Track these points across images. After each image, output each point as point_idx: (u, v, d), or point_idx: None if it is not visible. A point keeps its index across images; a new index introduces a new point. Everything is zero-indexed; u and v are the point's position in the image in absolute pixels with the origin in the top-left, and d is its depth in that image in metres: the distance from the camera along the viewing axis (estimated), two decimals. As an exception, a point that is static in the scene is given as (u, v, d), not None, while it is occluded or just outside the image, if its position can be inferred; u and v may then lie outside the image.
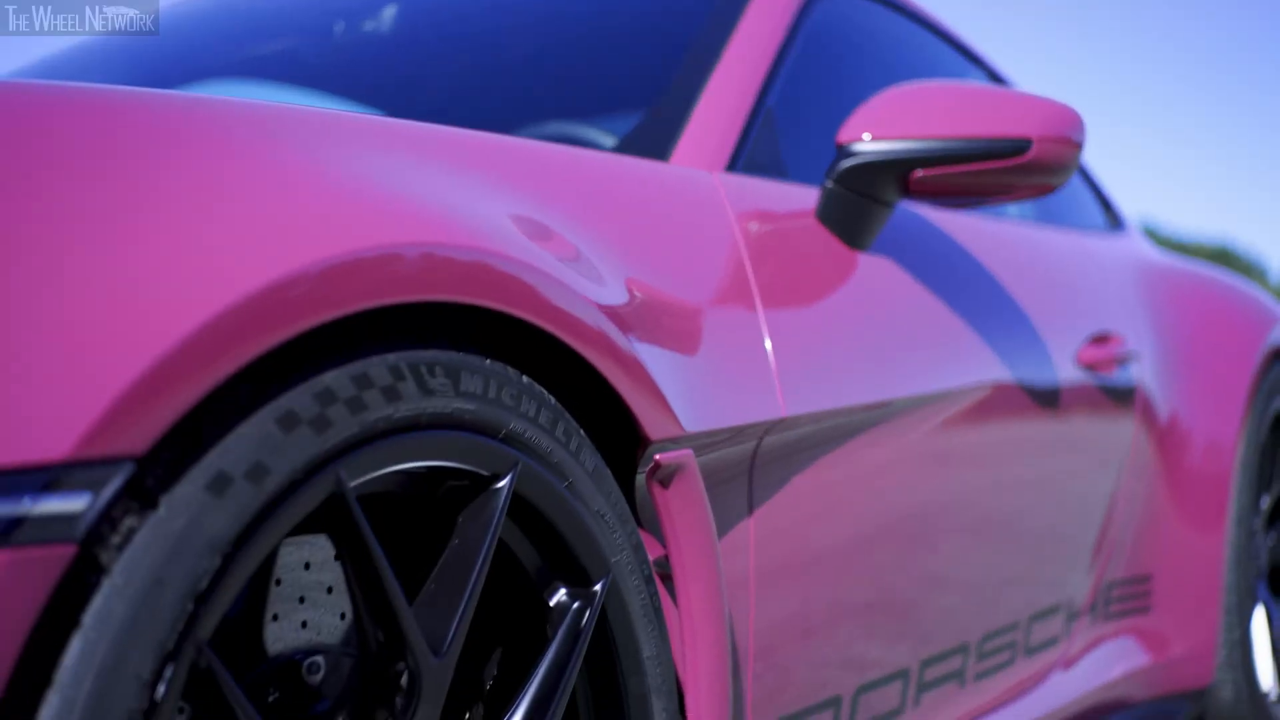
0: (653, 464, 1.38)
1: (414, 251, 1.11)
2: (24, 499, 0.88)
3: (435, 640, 1.15)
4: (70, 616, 0.92)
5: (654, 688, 1.36)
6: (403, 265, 1.09)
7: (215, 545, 0.97)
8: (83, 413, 0.90)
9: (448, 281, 1.14)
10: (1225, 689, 2.87)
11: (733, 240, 1.67)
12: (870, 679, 1.84)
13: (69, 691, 0.90)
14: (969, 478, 2.06)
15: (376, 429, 1.09)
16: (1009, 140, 1.81)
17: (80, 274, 0.94)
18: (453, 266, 1.14)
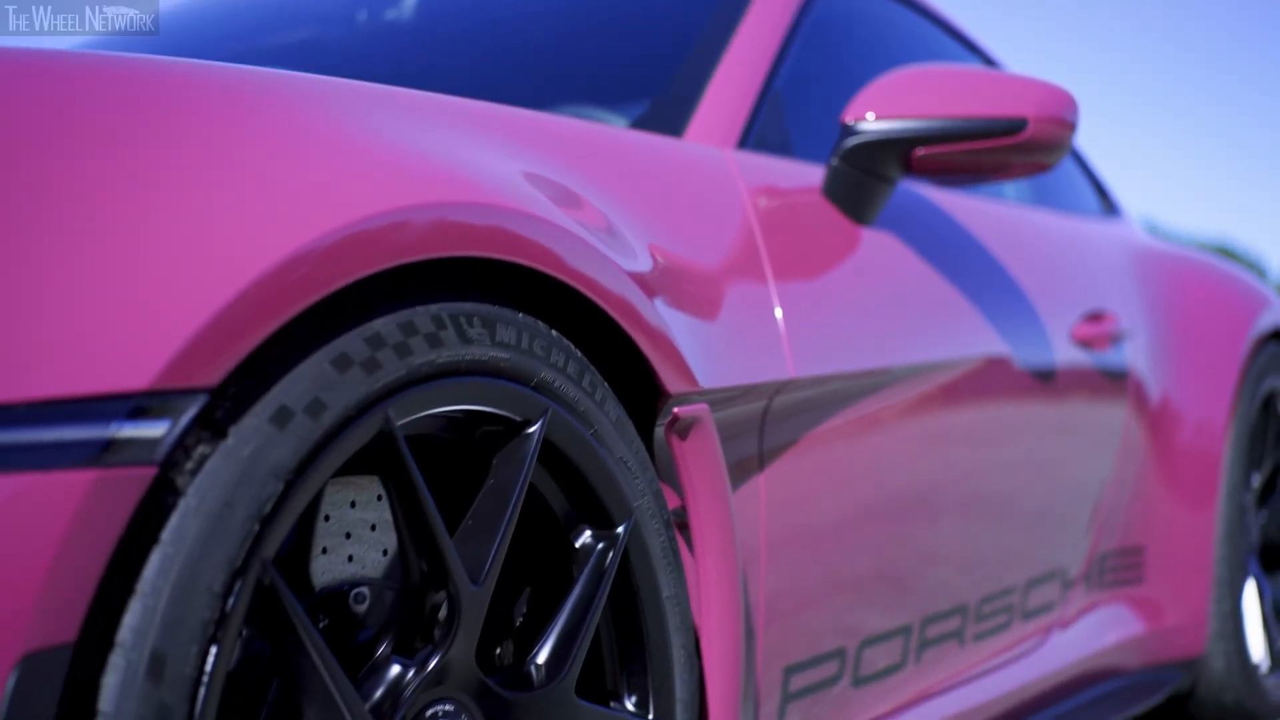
0: (671, 417, 1.47)
1: (459, 211, 1.20)
2: (112, 424, 0.97)
3: (473, 570, 1.24)
4: (150, 534, 1.01)
5: (673, 626, 1.45)
6: (448, 222, 1.19)
7: (278, 472, 1.06)
8: (163, 347, 0.99)
9: (488, 240, 1.24)
10: (1217, 660, 2.96)
11: (744, 213, 1.77)
12: (873, 633, 1.93)
13: (149, 600, 0.99)
14: (967, 448, 2.15)
15: (421, 372, 1.19)
16: (1006, 120, 1.90)
17: (161, 228, 1.04)
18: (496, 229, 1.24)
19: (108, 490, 0.96)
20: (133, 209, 1.04)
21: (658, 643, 1.44)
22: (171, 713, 0.99)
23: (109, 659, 0.98)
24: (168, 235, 1.03)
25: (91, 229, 1.01)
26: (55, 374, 0.95)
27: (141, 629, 0.98)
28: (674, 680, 1.45)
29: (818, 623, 1.81)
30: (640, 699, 1.44)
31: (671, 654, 1.45)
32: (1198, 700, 3.04)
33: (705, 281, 1.62)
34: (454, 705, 1.25)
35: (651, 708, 1.43)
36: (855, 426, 1.82)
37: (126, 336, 0.98)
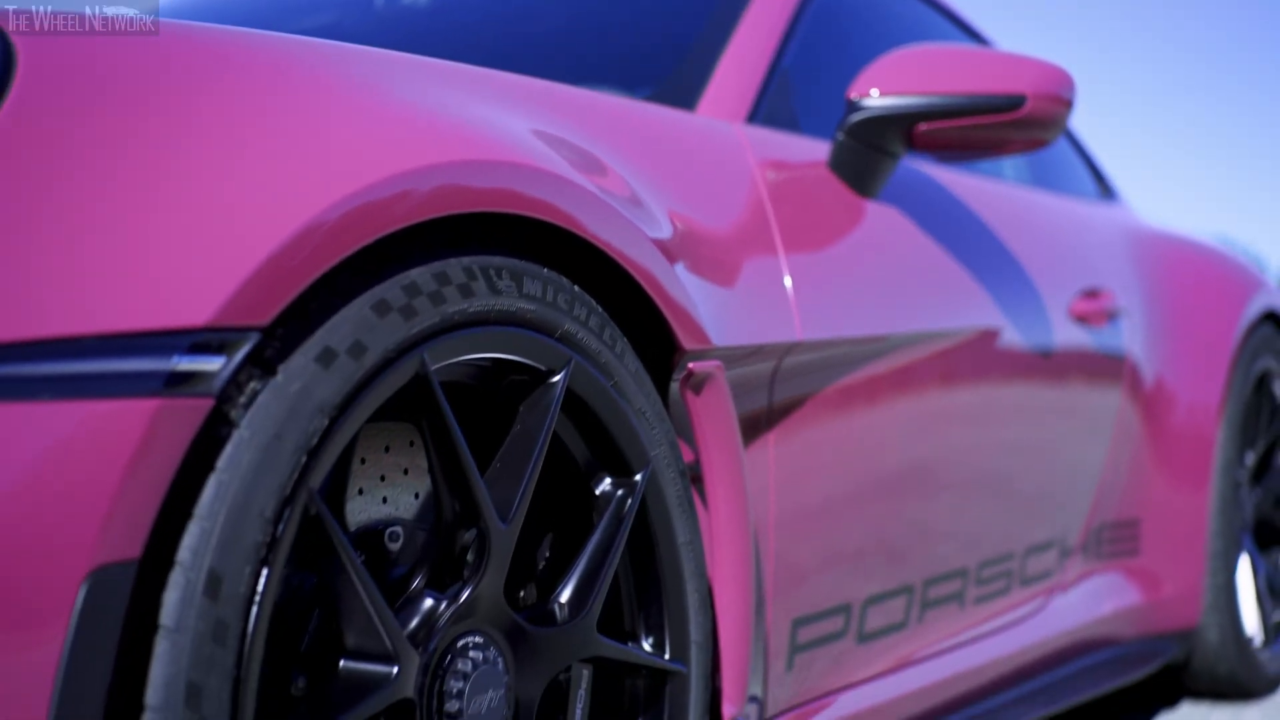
0: (686, 372, 1.54)
1: (491, 169, 1.28)
2: (174, 357, 1.04)
3: (502, 509, 1.31)
4: (206, 463, 1.08)
5: (688, 571, 1.52)
6: (481, 179, 1.26)
7: (323, 408, 1.14)
8: (221, 288, 1.06)
9: (517, 198, 1.31)
10: (1211, 631, 3.03)
11: (754, 184, 1.84)
12: (877, 591, 2.00)
13: (206, 523, 1.06)
14: (966, 416, 2.23)
15: (453, 320, 1.26)
16: (1005, 96, 1.98)
17: (216, 180, 1.11)
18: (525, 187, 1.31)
19: (169, 419, 1.03)
20: (189, 164, 1.11)
21: (673, 587, 1.51)
22: (227, 628, 1.06)
23: (169, 577, 1.05)
24: (222, 187, 1.11)
25: (157, 182, 1.08)
26: (124, 310, 1.03)
27: (199, 549, 1.06)
28: (689, 622, 1.52)
29: (824, 578, 1.88)
30: (657, 640, 1.51)
31: (686, 598, 1.52)
32: (1193, 672, 3.11)
33: (719, 247, 1.70)
34: (483, 638, 1.32)
35: (668, 648, 1.50)
36: (860, 389, 1.89)
37: (188, 277, 1.06)
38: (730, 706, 1.62)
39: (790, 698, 1.84)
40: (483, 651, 1.32)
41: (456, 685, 1.29)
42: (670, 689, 1.50)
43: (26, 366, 0.99)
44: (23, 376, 0.99)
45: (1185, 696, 3.24)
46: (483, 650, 1.32)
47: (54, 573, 0.98)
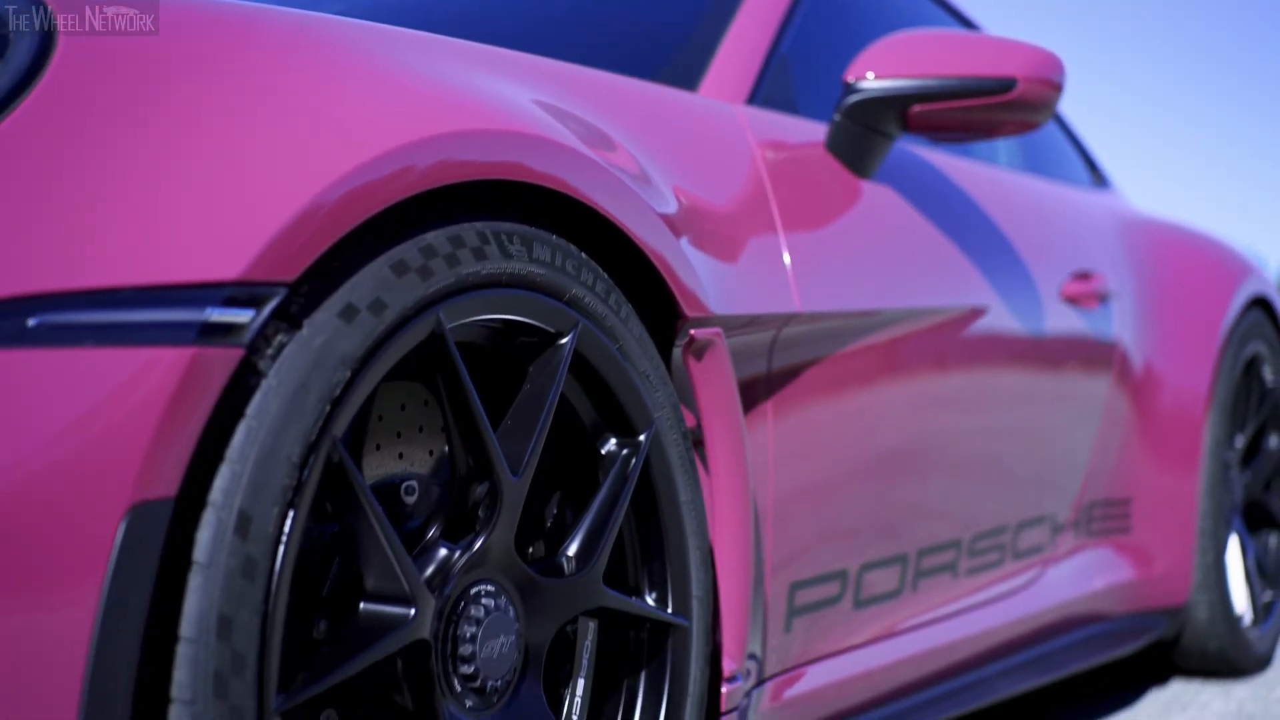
0: (688, 338, 1.61)
1: (502, 139, 1.35)
2: (207, 309, 1.11)
3: (513, 463, 1.38)
4: (236, 410, 1.14)
5: (690, 530, 1.59)
6: (497, 147, 1.33)
7: (346, 361, 1.20)
8: (250, 244, 1.13)
9: (524, 169, 1.38)
10: (1200, 609, 3.10)
11: (754, 163, 1.91)
12: (873, 559, 2.07)
13: (236, 466, 1.13)
14: (957, 392, 2.29)
15: (467, 281, 1.32)
16: (996, 79, 2.04)
17: (245, 145, 1.18)
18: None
19: (203, 366, 1.10)
20: (221, 130, 1.18)
21: (676, 543, 1.58)
22: (256, 566, 1.13)
23: (202, 516, 1.12)
24: (252, 151, 1.17)
25: (191, 146, 1.15)
26: (162, 263, 1.09)
27: (230, 491, 1.12)
28: (690, 578, 1.59)
29: (821, 543, 1.94)
30: (660, 595, 1.57)
31: (688, 555, 1.59)
32: (1183, 650, 3.17)
33: (720, 222, 1.76)
34: (495, 586, 1.39)
35: (670, 602, 1.57)
36: (857, 361, 1.96)
37: (220, 235, 1.12)
38: (730, 662, 1.68)
39: (788, 659, 1.90)
40: (494, 599, 1.38)
41: (469, 630, 1.36)
42: (673, 642, 1.57)
43: (72, 315, 1.06)
44: (69, 324, 1.05)
45: (1176, 675, 3.31)
46: (494, 598, 1.38)
47: (97, 507, 1.04)
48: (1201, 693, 3.14)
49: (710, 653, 1.64)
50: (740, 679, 1.71)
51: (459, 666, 1.35)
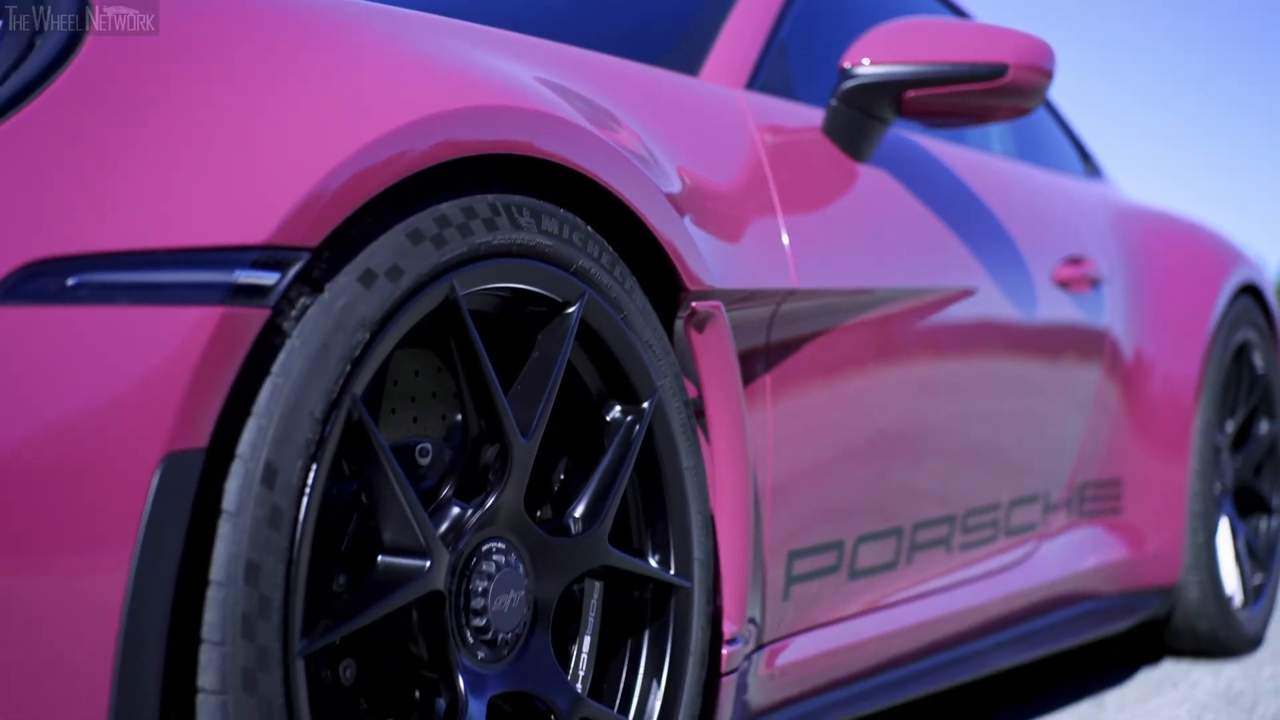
0: (690, 310, 1.67)
1: (516, 116, 1.41)
2: (236, 271, 1.17)
3: (523, 425, 1.44)
4: (262, 368, 1.21)
5: (691, 495, 1.65)
6: (509, 124, 1.39)
7: (365, 323, 1.27)
8: (276, 211, 1.19)
9: (533, 146, 1.44)
10: (1191, 589, 3.16)
11: (754, 146, 1.97)
12: (869, 531, 2.13)
13: (263, 421, 1.19)
14: (951, 371, 2.35)
15: (479, 251, 1.39)
16: (988, 65, 2.11)
17: (271, 121, 1.24)
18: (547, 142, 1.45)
19: (232, 325, 1.16)
20: (246, 105, 1.24)
21: (678, 507, 1.64)
22: (282, 515, 1.19)
23: (230, 468, 1.18)
24: (277, 125, 1.24)
25: (217, 121, 1.21)
26: (193, 228, 1.16)
27: (257, 444, 1.19)
28: (692, 541, 1.65)
29: (819, 514, 2.01)
30: (663, 557, 1.64)
31: (690, 518, 1.65)
32: (1174, 629, 3.24)
33: (721, 202, 1.83)
34: (505, 544, 1.45)
35: (673, 564, 1.63)
36: (853, 337, 2.03)
37: (248, 200, 1.18)
38: (730, 625, 1.75)
39: (786, 625, 1.97)
40: (505, 556, 1.45)
41: (481, 584, 1.42)
42: (675, 602, 1.63)
43: (110, 275, 1.12)
44: (106, 284, 1.12)
45: (1168, 656, 3.37)
46: (505, 555, 1.45)
47: (133, 456, 1.11)
48: (1192, 672, 3.20)
49: (711, 615, 1.71)
50: (740, 641, 1.78)
51: (471, 619, 1.42)
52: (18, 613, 1.08)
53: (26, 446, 1.08)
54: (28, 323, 1.09)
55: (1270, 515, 3.60)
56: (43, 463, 1.08)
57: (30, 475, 1.08)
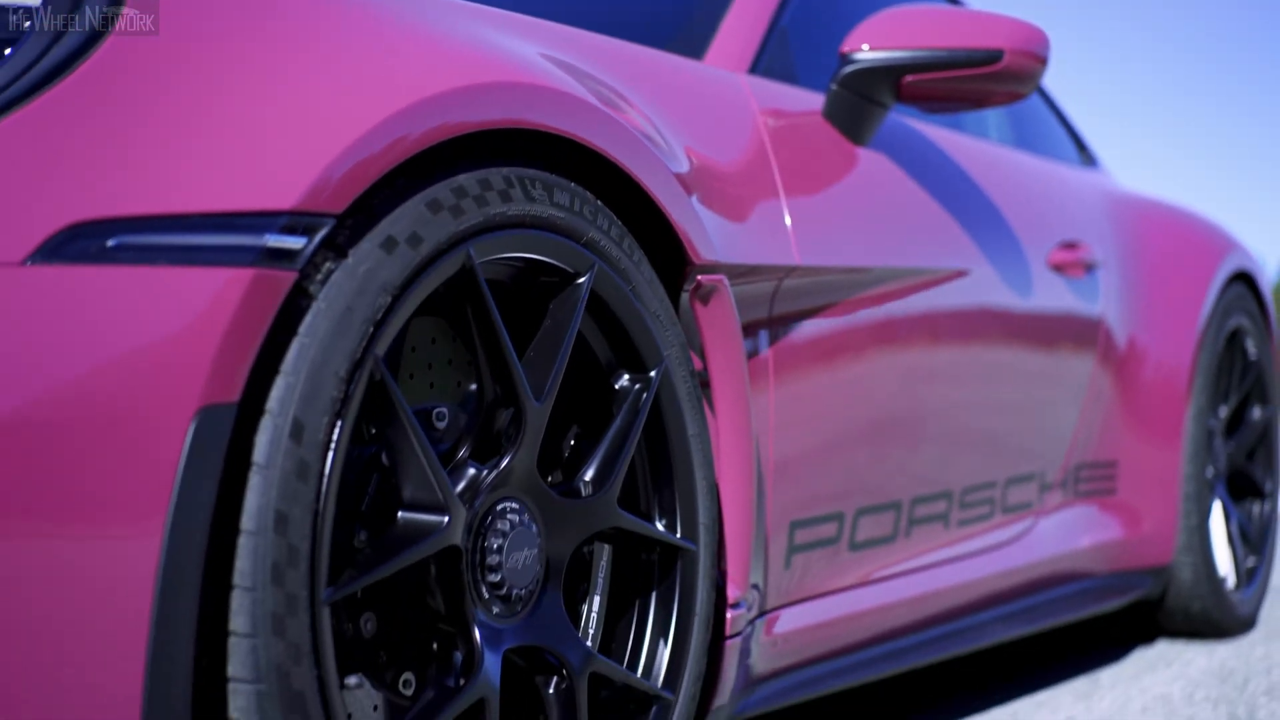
0: (695, 283, 1.73)
1: (529, 93, 1.47)
2: (266, 235, 1.23)
3: (536, 389, 1.50)
4: (289, 329, 1.27)
5: (697, 461, 1.71)
6: (523, 98, 1.45)
7: (387, 288, 1.33)
8: (303, 179, 1.25)
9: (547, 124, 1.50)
10: (1184, 570, 3.22)
11: (757, 129, 2.03)
12: (868, 504, 2.19)
13: (290, 379, 1.25)
14: (947, 348, 2.41)
15: (494, 221, 1.45)
16: (984, 51, 2.17)
17: (297, 93, 1.30)
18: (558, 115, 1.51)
19: (262, 286, 1.22)
20: (273, 78, 1.30)
21: (684, 473, 1.70)
22: (309, 468, 1.25)
23: (260, 423, 1.24)
24: (303, 97, 1.30)
25: (250, 93, 1.28)
26: (226, 193, 1.22)
27: (285, 400, 1.24)
28: (698, 506, 1.71)
29: (820, 486, 2.07)
30: (669, 521, 1.70)
31: (696, 484, 1.71)
32: (1168, 610, 3.30)
33: (726, 182, 1.89)
34: (519, 504, 1.51)
35: (679, 528, 1.69)
36: (854, 315, 2.09)
37: (276, 169, 1.25)
38: (734, 589, 1.81)
39: (788, 593, 2.03)
40: (519, 515, 1.51)
41: (496, 542, 1.48)
42: (681, 565, 1.69)
43: (147, 237, 1.18)
44: (144, 245, 1.18)
45: (1162, 638, 3.43)
46: (519, 514, 1.51)
47: (169, 408, 1.17)
48: (1185, 651, 3.26)
49: (716, 579, 1.77)
50: (744, 606, 1.84)
51: (486, 575, 1.48)
52: (62, 555, 1.13)
53: (68, 398, 1.14)
54: (70, 281, 1.15)
55: (1263, 500, 3.66)
56: (84, 414, 1.14)
57: (73, 426, 1.14)
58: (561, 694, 1.55)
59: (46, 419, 1.14)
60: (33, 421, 1.13)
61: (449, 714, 1.41)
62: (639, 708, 1.66)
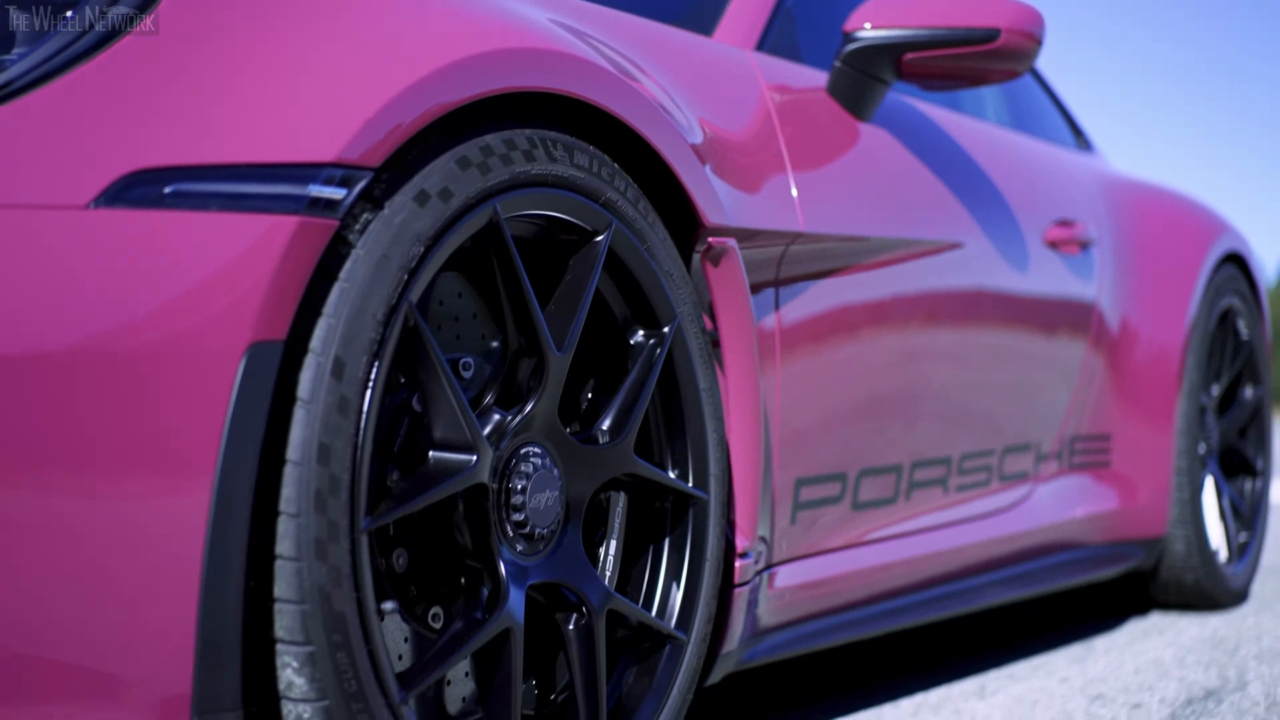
0: (706, 245, 1.82)
1: (554, 58, 1.56)
2: (310, 185, 1.32)
3: (557, 340, 1.59)
4: (331, 274, 1.36)
5: (708, 414, 1.80)
6: (548, 65, 1.54)
7: (420, 238, 1.41)
8: (345, 133, 1.34)
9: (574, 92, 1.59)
10: (1177, 542, 3.31)
11: (764, 102, 2.12)
12: (870, 466, 2.28)
13: (332, 320, 1.34)
14: (947, 322, 2.50)
15: (519, 179, 1.54)
16: (981, 30, 2.26)
17: (338, 52, 1.39)
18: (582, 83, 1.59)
19: (306, 233, 1.31)
20: (314, 39, 1.39)
21: (695, 425, 1.79)
22: (349, 403, 1.34)
23: (303, 361, 1.33)
24: (345, 56, 1.39)
25: (297, 53, 1.36)
26: (274, 146, 1.30)
27: (327, 340, 1.33)
28: (709, 457, 1.80)
29: (824, 446, 2.16)
30: (682, 471, 1.78)
31: (707, 436, 1.80)
32: (1161, 582, 3.39)
33: (736, 152, 1.98)
34: (541, 449, 1.60)
35: (691, 477, 1.78)
36: (857, 283, 2.18)
37: (320, 124, 1.33)
38: (743, 539, 1.90)
39: (794, 549, 2.12)
40: (541, 459, 1.60)
41: (520, 483, 1.57)
42: (693, 513, 1.78)
43: (202, 185, 1.27)
44: (199, 192, 1.27)
45: (1155, 610, 3.52)
46: (541, 458, 1.60)
47: (223, 343, 1.26)
48: (1178, 622, 3.35)
49: (725, 527, 1.85)
50: (751, 556, 1.92)
51: (511, 514, 1.57)
52: (126, 481, 1.22)
53: (129, 332, 1.23)
54: (130, 224, 1.24)
55: (1255, 477, 3.75)
56: (143, 347, 1.23)
57: (133, 358, 1.23)
58: (581, 630, 1.64)
59: (108, 352, 1.22)
60: (96, 354, 1.22)
61: (476, 643, 1.49)
62: (654, 646, 1.75)
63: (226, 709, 1.27)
